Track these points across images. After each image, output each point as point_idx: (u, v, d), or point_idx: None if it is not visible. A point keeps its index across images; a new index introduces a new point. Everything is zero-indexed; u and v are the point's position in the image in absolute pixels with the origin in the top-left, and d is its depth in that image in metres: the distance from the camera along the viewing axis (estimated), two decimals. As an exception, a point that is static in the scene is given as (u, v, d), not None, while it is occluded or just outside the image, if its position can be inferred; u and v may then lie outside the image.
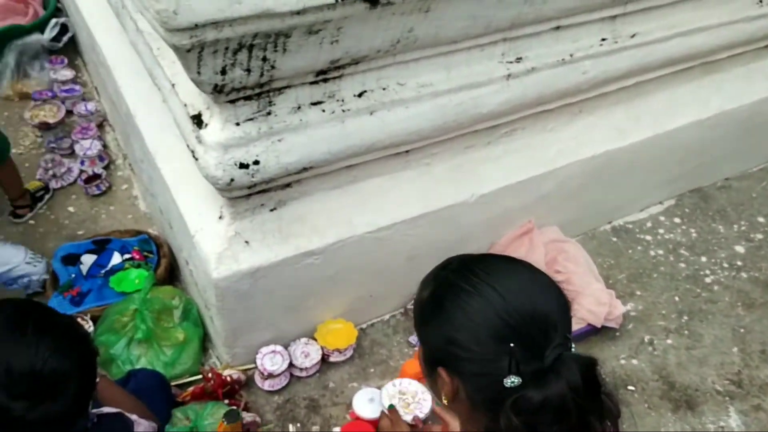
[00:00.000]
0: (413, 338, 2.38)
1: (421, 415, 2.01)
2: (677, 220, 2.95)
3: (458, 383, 1.10)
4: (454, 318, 1.08)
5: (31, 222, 2.75)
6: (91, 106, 3.16)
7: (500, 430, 1.01)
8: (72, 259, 2.46)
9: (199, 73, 1.54)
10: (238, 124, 1.76)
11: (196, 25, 1.39)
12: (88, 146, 2.95)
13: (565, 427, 1.01)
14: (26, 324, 1.34)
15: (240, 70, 1.59)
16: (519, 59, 2.09)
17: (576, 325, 2.34)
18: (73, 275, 2.40)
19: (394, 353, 2.35)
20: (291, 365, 2.22)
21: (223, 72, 1.57)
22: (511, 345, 1.02)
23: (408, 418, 1.97)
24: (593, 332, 2.39)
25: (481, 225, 2.36)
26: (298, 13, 1.47)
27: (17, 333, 1.33)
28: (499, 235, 2.48)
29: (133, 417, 1.63)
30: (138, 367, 2.14)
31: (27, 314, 1.38)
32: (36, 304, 1.49)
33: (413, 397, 2.07)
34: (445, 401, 1.14)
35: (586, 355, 1.07)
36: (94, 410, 1.55)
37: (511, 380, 1.02)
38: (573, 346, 1.08)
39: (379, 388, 2.09)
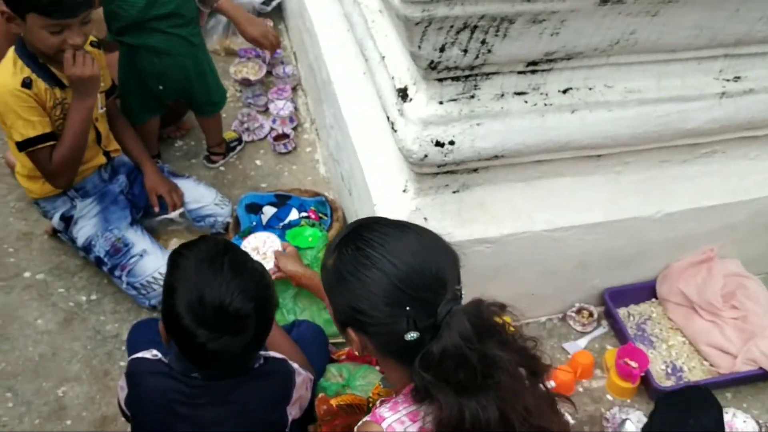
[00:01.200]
0: (568, 345, 2.34)
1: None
2: None
3: (366, 340, 1.27)
4: (354, 289, 1.23)
5: (222, 169, 2.95)
6: (288, 69, 3.34)
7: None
8: (254, 208, 2.62)
9: (419, 47, 1.59)
10: (441, 102, 1.81)
11: None
12: (282, 107, 3.12)
13: (470, 372, 1.16)
14: (223, 261, 1.47)
15: (458, 49, 1.62)
16: (737, 78, 1.98)
17: (746, 366, 2.20)
18: (254, 223, 2.55)
19: (545, 357, 2.32)
20: (443, 347, 2.25)
21: (442, 49, 1.61)
22: (407, 308, 1.18)
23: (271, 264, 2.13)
24: (763, 377, 2.24)
25: (660, 243, 2.27)
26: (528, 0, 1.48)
27: (215, 267, 1.45)
28: (677, 257, 2.37)
29: (295, 365, 1.72)
30: (301, 318, 2.25)
31: (225, 252, 1.50)
32: (233, 244, 1.62)
33: (264, 244, 2.23)
34: (356, 353, 1.32)
35: (472, 301, 1.24)
36: (262, 352, 1.67)
37: (411, 335, 1.18)
38: (462, 294, 1.25)
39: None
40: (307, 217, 2.59)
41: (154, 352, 1.60)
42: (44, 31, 1.98)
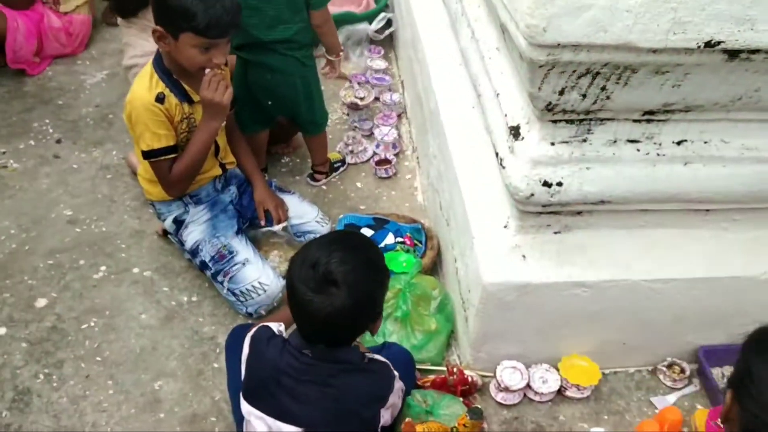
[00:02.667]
0: (656, 399, 2.29)
1: None
2: None
3: (737, 409, 1.41)
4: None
5: (324, 187, 3.05)
6: (395, 96, 3.43)
7: None
8: (353, 229, 2.69)
9: (539, 88, 1.63)
10: (552, 143, 1.83)
11: (558, 45, 1.47)
12: (386, 133, 3.21)
13: None
14: (344, 239, 1.69)
15: (577, 94, 1.65)
16: None
17: None
18: (351, 243, 2.63)
19: (632, 408, 2.28)
20: (527, 386, 2.25)
21: (561, 93, 1.64)
22: None
23: None
24: None
25: (763, 305, 2.20)
26: (655, 51, 1.50)
27: (334, 241, 1.65)
28: (779, 322, 2.29)
29: (396, 373, 1.79)
30: (390, 341, 2.30)
31: (349, 235, 1.79)
32: (366, 238, 1.97)
33: None
34: (720, 419, 1.50)
35: None
36: (368, 354, 1.75)
37: None
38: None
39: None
40: (403, 243, 2.65)
41: (282, 327, 1.78)
42: (195, 50, 2.12)
